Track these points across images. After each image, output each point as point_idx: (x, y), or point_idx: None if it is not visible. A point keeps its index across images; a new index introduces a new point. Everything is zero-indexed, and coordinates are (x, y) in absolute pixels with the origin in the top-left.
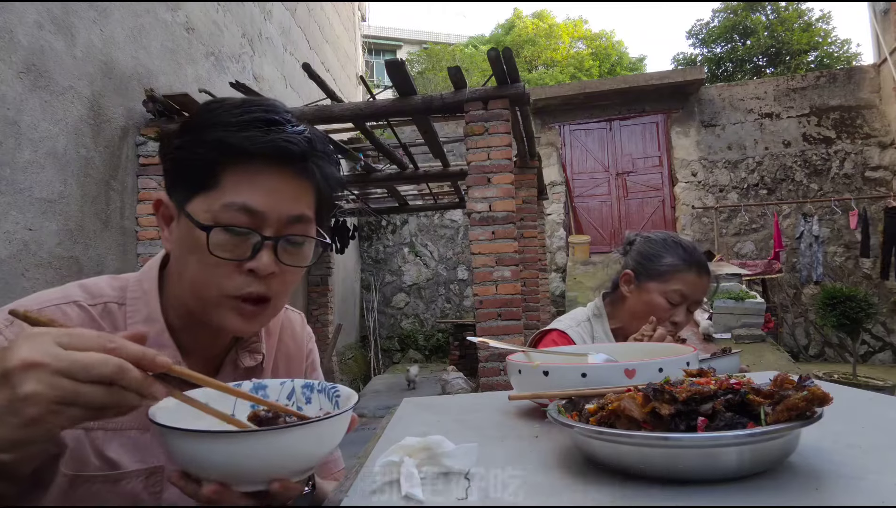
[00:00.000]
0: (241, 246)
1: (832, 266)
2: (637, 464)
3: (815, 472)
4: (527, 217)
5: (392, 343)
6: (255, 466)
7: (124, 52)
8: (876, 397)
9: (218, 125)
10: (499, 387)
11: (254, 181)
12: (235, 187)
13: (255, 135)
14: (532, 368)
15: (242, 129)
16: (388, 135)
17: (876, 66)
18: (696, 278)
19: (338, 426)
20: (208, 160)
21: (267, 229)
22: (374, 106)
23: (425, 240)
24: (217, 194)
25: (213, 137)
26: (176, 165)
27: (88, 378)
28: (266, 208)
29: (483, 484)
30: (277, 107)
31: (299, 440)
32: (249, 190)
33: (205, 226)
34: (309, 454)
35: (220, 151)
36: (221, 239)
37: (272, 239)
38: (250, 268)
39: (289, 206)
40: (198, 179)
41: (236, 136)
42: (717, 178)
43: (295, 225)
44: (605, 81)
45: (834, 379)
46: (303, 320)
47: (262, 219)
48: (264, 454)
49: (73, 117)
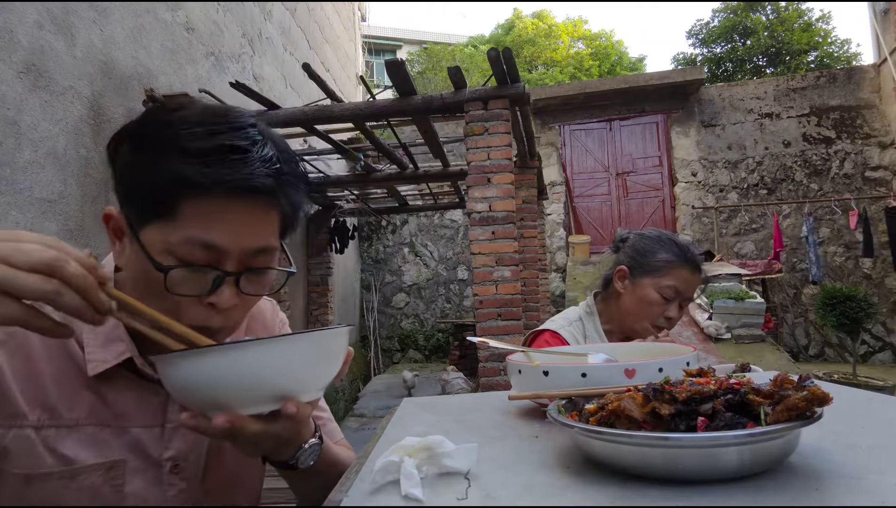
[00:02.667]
0: (201, 281)
1: (832, 266)
2: (637, 464)
3: (815, 472)
4: (527, 217)
5: (392, 343)
6: (261, 378)
7: (124, 52)
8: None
9: (177, 151)
10: (499, 387)
11: (216, 216)
12: (194, 222)
13: (221, 171)
14: (532, 368)
15: (205, 161)
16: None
17: (876, 66)
18: (689, 275)
19: (338, 339)
20: (164, 190)
21: (228, 264)
22: (374, 106)
23: (425, 240)
24: (174, 226)
25: (173, 167)
26: (127, 184)
27: (25, 265)
28: (229, 243)
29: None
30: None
31: (302, 350)
32: (211, 225)
33: (162, 267)
34: (313, 365)
35: (178, 184)
36: (179, 276)
37: (234, 274)
38: (210, 302)
39: (252, 239)
40: (152, 207)
41: (199, 170)
42: (717, 178)
43: (258, 256)
44: (605, 81)
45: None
46: (274, 307)
47: (224, 254)
48: (268, 363)
49: (73, 117)
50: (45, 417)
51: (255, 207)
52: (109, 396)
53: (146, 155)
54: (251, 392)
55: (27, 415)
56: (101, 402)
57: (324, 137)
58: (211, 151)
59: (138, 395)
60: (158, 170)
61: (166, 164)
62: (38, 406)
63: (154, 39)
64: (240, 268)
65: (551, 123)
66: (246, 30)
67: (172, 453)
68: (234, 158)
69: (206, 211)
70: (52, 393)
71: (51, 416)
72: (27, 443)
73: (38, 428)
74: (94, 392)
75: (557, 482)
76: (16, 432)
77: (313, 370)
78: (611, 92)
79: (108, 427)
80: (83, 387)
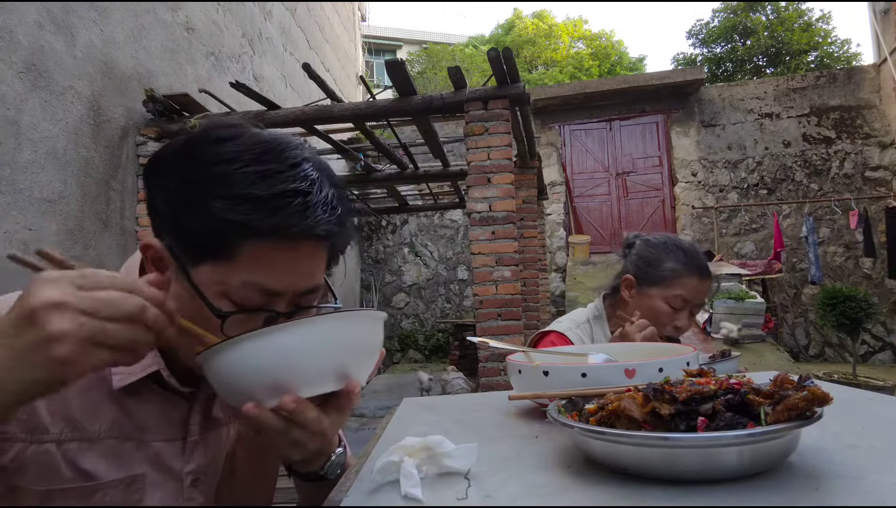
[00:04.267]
0: (254, 322)
1: (832, 266)
2: (637, 464)
3: (815, 472)
4: (527, 217)
5: (392, 343)
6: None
7: (124, 52)
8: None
9: (234, 194)
10: (499, 387)
11: (276, 262)
12: (254, 265)
13: (280, 221)
14: (532, 368)
15: (265, 210)
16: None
17: (876, 66)
18: (697, 283)
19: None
20: (220, 233)
21: (280, 305)
22: (374, 106)
23: (425, 240)
24: (230, 268)
25: (231, 211)
26: (172, 217)
27: (112, 316)
28: (284, 287)
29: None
30: (297, 158)
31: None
32: (270, 270)
33: (221, 313)
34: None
35: (236, 228)
36: (235, 320)
37: (286, 314)
38: None
39: (306, 282)
40: (207, 247)
41: (257, 218)
42: (717, 178)
43: (308, 295)
44: (605, 81)
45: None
46: None
47: (278, 296)
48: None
49: (73, 117)
50: (68, 430)
51: (312, 250)
52: (132, 409)
53: (198, 193)
54: (313, 371)
55: (49, 428)
56: (123, 415)
57: (324, 137)
58: (272, 198)
59: (161, 408)
60: (214, 212)
61: (223, 206)
62: (61, 419)
63: (154, 39)
64: (290, 308)
65: (551, 123)
66: (246, 30)
67: (193, 466)
68: (297, 205)
69: (265, 255)
70: (74, 405)
71: (73, 429)
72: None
73: (60, 442)
74: (117, 405)
75: (557, 482)
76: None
77: (368, 350)
78: (611, 92)
79: (130, 441)
80: (106, 399)
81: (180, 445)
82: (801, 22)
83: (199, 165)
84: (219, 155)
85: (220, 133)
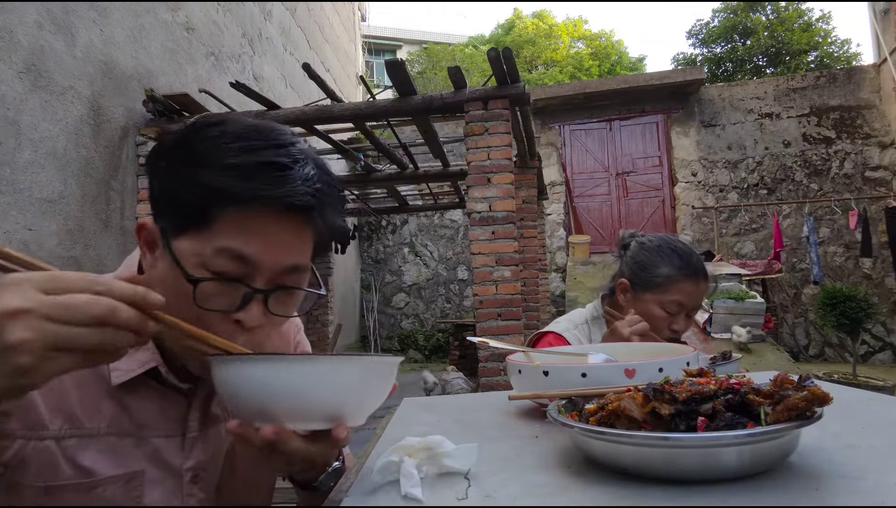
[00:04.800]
0: (230, 296)
1: (832, 266)
2: (637, 464)
3: (815, 472)
4: (527, 217)
5: (392, 343)
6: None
7: (124, 52)
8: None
9: (216, 163)
10: (499, 387)
11: (250, 228)
12: (229, 232)
13: (257, 186)
14: (532, 368)
15: (244, 175)
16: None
17: (876, 66)
18: (693, 287)
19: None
20: (201, 201)
21: (258, 280)
22: (374, 106)
23: (425, 240)
24: (208, 236)
25: (211, 179)
26: (164, 195)
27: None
28: (261, 257)
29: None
30: (284, 139)
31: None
32: (245, 237)
33: (192, 278)
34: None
35: (216, 195)
36: (209, 289)
37: (263, 291)
38: (237, 319)
39: (285, 256)
40: (188, 218)
41: (235, 184)
42: (717, 178)
43: (289, 275)
44: (605, 81)
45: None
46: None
47: (255, 268)
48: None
49: (73, 117)
50: (67, 426)
51: (290, 224)
52: (131, 405)
53: (184, 167)
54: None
55: (48, 425)
56: (122, 411)
57: (324, 137)
58: (251, 166)
59: (160, 404)
60: (196, 181)
61: (205, 175)
62: (60, 415)
63: (154, 39)
64: (270, 286)
65: (551, 123)
66: (246, 30)
67: (192, 463)
68: (275, 175)
69: (241, 223)
70: (74, 401)
71: (72, 425)
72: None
73: (59, 439)
74: (115, 401)
75: (557, 482)
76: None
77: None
78: (611, 92)
79: (129, 437)
80: (105, 396)
81: (179, 441)
82: (801, 22)
83: (190, 144)
84: (209, 134)
85: (213, 119)
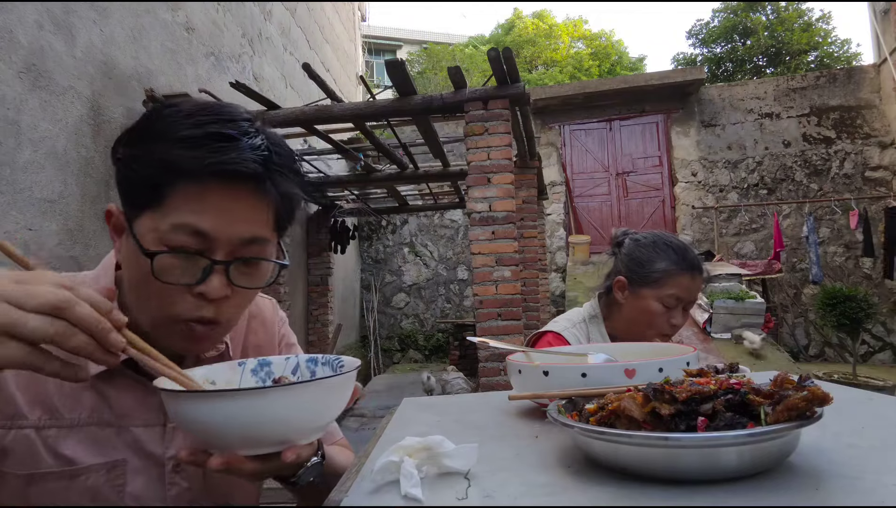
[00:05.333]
0: (190, 269)
1: (832, 266)
2: (637, 464)
3: (815, 472)
4: (527, 217)
5: (392, 343)
6: (266, 426)
7: (124, 52)
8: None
9: (165, 139)
10: (499, 387)
11: (203, 201)
12: (182, 207)
13: (203, 155)
14: (532, 368)
15: (191, 146)
16: (388, 135)
17: (876, 66)
18: (689, 281)
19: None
20: (153, 177)
21: (218, 252)
22: (374, 106)
23: (425, 240)
24: (163, 213)
25: (159, 153)
26: (122, 178)
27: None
28: (216, 230)
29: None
30: (235, 115)
31: (309, 398)
32: (198, 211)
33: (148, 252)
34: (319, 412)
35: (166, 170)
36: (167, 264)
37: (223, 263)
38: (199, 292)
39: (241, 227)
40: (143, 195)
41: (183, 154)
42: (717, 178)
43: (249, 246)
44: (605, 81)
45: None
46: (274, 305)
47: (212, 241)
48: (275, 412)
49: (73, 117)
50: (46, 417)
51: (242, 193)
52: (111, 395)
53: (140, 146)
54: (252, 437)
55: (27, 415)
56: (102, 401)
57: (324, 137)
58: (198, 138)
59: (139, 395)
60: (149, 158)
61: (157, 151)
62: (39, 407)
63: (154, 39)
64: (229, 258)
65: (551, 123)
66: (246, 30)
67: (174, 452)
68: (222, 145)
69: (192, 196)
70: (52, 392)
71: (51, 416)
72: (27, 443)
73: (39, 429)
74: (95, 392)
75: (557, 482)
76: (16, 433)
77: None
78: (611, 92)
79: (110, 427)
80: (84, 387)
81: (160, 431)
82: (801, 22)
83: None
84: (164, 114)
85: (170, 102)
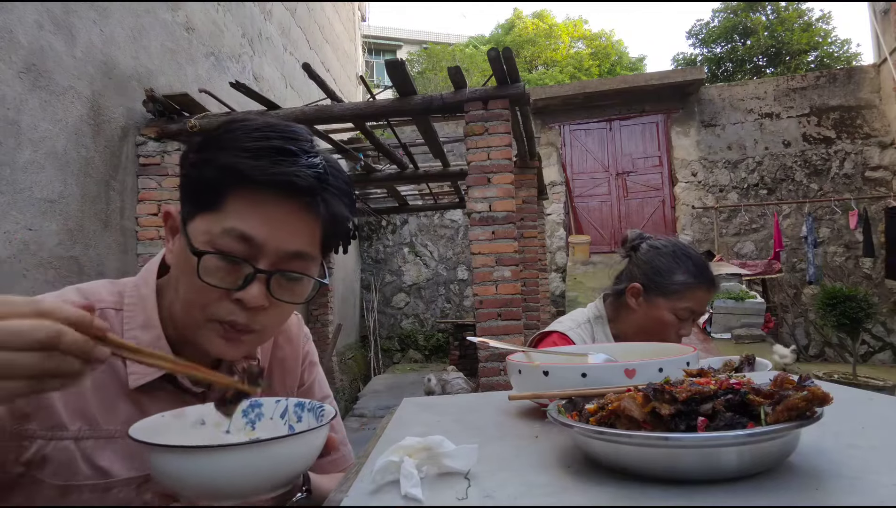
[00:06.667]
0: (233, 274)
1: (832, 266)
2: (637, 464)
3: (815, 472)
4: (527, 217)
5: (392, 343)
6: (220, 482)
7: (124, 52)
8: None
9: (232, 148)
10: (499, 387)
11: (255, 209)
12: (236, 213)
13: (265, 165)
14: (532, 368)
15: (254, 155)
16: (388, 135)
17: (876, 66)
18: (705, 294)
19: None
20: (215, 181)
21: (262, 261)
22: (374, 106)
23: (425, 240)
24: (218, 216)
25: (224, 159)
26: (186, 180)
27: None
28: (264, 238)
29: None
30: (298, 134)
31: (277, 460)
32: (250, 218)
33: (197, 251)
34: (288, 469)
35: (228, 175)
36: (213, 265)
37: (265, 272)
38: (238, 298)
39: (289, 240)
40: (203, 198)
41: (246, 162)
42: (717, 178)
43: (293, 261)
44: (605, 81)
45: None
46: (299, 321)
47: (259, 250)
48: (230, 469)
49: (73, 117)
50: (86, 428)
51: (295, 207)
52: (147, 407)
53: (207, 151)
54: (210, 492)
55: (68, 426)
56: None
57: (324, 137)
58: (262, 149)
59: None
60: (213, 164)
61: (221, 158)
62: (79, 417)
63: (154, 39)
64: (272, 268)
65: (551, 123)
66: (246, 30)
67: None
68: (283, 158)
69: (247, 204)
70: (92, 404)
71: (90, 427)
72: (67, 454)
73: (78, 440)
74: (132, 404)
75: (557, 482)
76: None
77: (287, 474)
78: (611, 92)
79: None
80: (122, 399)
81: None
82: (801, 22)
83: (215, 135)
84: (232, 127)
85: (239, 116)
